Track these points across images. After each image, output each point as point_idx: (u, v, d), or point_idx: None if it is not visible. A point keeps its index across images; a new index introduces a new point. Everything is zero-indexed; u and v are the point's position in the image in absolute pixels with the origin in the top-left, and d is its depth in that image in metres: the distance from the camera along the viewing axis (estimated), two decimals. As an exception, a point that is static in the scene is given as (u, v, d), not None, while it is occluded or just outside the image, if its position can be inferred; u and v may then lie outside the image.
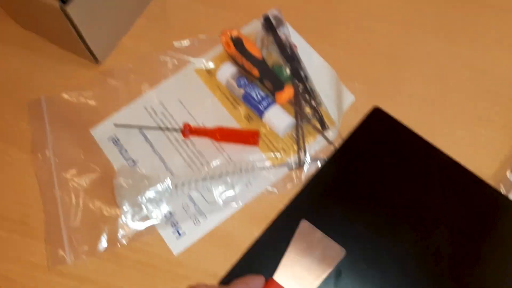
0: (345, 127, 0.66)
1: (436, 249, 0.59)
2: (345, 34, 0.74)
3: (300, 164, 0.65)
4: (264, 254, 0.60)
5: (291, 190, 0.64)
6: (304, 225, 0.59)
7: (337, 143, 0.66)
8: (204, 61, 0.72)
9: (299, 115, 0.66)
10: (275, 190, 0.64)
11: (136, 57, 0.73)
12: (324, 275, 0.56)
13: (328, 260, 0.57)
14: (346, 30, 0.74)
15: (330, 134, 0.66)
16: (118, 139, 0.68)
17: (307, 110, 0.67)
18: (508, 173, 0.62)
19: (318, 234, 0.58)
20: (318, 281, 0.56)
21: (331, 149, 0.65)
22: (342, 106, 0.67)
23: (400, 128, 0.65)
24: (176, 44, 0.73)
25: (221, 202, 0.64)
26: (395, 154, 0.64)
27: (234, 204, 0.63)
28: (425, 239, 0.59)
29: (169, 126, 0.68)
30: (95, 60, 0.72)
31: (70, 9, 0.62)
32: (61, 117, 0.69)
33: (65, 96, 0.70)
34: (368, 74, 0.71)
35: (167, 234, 0.62)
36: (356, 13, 0.75)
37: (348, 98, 0.69)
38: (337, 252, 0.57)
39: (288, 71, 0.68)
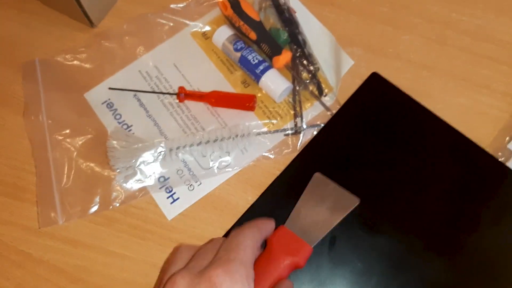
0: (344, 92, 0.65)
1: (433, 216, 0.58)
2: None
3: (296, 130, 0.64)
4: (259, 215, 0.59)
5: (287, 156, 0.63)
6: (318, 177, 0.59)
7: (335, 109, 0.64)
8: (200, 24, 0.71)
9: (296, 80, 0.65)
10: (271, 156, 0.63)
11: (131, 20, 0.71)
12: (335, 222, 0.56)
13: (341, 207, 0.57)
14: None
15: (328, 100, 0.65)
16: (112, 103, 0.66)
17: (305, 75, 0.66)
18: (507, 142, 0.61)
19: (332, 185, 0.58)
20: (329, 228, 0.56)
21: (328, 115, 0.64)
22: (341, 72, 0.66)
23: (398, 94, 0.64)
24: (172, 6, 0.71)
25: (215, 167, 0.63)
26: (393, 120, 0.63)
27: (229, 170, 0.63)
28: (422, 206, 0.59)
29: (164, 90, 0.67)
30: (91, 23, 0.70)
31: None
32: (55, 80, 0.68)
33: (59, 58, 0.69)
34: (367, 38, 0.69)
35: (161, 199, 0.62)
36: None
37: (347, 63, 0.67)
38: (351, 200, 0.58)
39: (286, 35, 0.67)
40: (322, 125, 0.64)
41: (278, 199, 0.60)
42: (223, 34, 0.67)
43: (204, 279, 0.41)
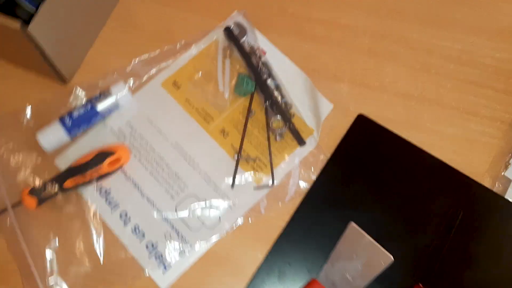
0: (332, 133, 0.63)
1: (430, 250, 0.57)
2: (323, 33, 0.69)
3: (273, 182, 0.61)
4: (270, 276, 0.57)
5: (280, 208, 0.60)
6: (352, 228, 0.57)
7: (322, 152, 0.62)
8: (170, 72, 0.67)
9: (269, 131, 0.63)
10: (262, 210, 0.60)
11: (102, 73, 0.66)
12: (368, 280, 0.55)
13: (375, 265, 0.56)
14: (324, 27, 0.70)
15: (312, 142, 0.62)
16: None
17: (277, 123, 0.63)
18: (502, 169, 0.60)
19: (366, 239, 0.57)
20: (362, 286, 0.55)
21: (319, 159, 0.62)
22: (320, 115, 0.64)
23: (386, 134, 0.62)
24: (139, 58, 0.67)
25: (205, 227, 0.59)
26: (385, 160, 0.61)
27: (219, 228, 0.59)
28: (419, 241, 0.57)
29: (140, 148, 0.62)
30: (63, 80, 0.65)
31: (32, 29, 0.55)
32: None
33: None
34: (351, 73, 0.67)
35: (151, 268, 0.57)
36: (332, 9, 0.71)
37: (326, 107, 0.65)
38: (385, 258, 0.56)
39: (250, 82, 0.63)
40: (312, 171, 0.61)
41: (288, 250, 0.58)
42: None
43: None
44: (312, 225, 0.58)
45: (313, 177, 0.61)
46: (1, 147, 0.62)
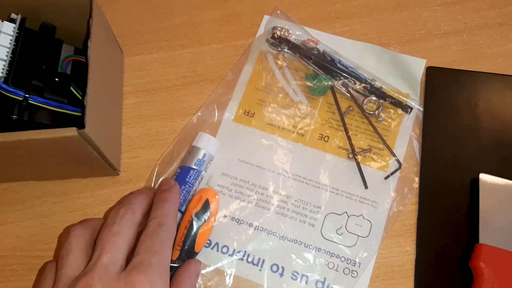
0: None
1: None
2: (345, 5, 0.66)
3: (399, 162, 0.58)
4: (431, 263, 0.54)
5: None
6: (485, 180, 0.52)
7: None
8: (235, 107, 0.61)
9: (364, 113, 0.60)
10: (409, 195, 0.57)
11: (150, 146, 0.59)
12: None
13: None
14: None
15: (415, 105, 0.60)
16: (209, 240, 0.55)
17: (371, 104, 0.60)
18: None
19: (504, 182, 0.52)
20: None
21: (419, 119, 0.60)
22: (413, 73, 0.62)
23: (461, 75, 0.61)
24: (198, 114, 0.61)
25: (362, 237, 0.55)
26: (474, 99, 0.60)
27: (377, 232, 0.55)
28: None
29: (250, 194, 0.56)
30: (114, 170, 0.57)
31: (88, 130, 0.45)
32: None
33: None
34: (394, 32, 0.65)
35: (338, 304, 0.53)
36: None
37: (419, 63, 0.63)
38: None
39: (327, 77, 0.59)
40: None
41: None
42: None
43: (124, 285, 0.38)
44: (442, 194, 0.56)
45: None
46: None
